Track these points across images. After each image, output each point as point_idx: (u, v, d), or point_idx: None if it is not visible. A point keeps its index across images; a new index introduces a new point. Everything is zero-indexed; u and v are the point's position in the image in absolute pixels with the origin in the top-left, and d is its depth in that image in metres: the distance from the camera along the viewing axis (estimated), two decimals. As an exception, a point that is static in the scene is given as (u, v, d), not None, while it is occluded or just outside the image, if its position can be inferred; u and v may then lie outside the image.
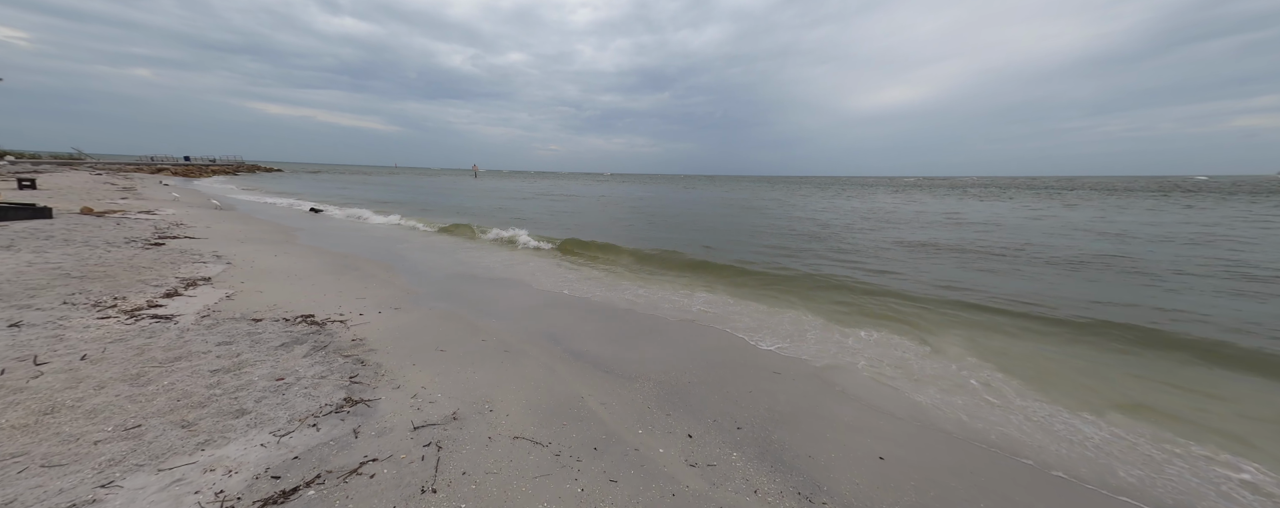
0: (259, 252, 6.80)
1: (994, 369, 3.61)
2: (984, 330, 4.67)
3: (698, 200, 27.45)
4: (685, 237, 11.50)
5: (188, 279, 4.77)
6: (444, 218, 14.55)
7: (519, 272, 6.95)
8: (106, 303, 3.78)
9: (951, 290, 6.28)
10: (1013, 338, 4.48)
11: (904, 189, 51.83)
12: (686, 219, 16.07)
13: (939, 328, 4.69)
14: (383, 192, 28.49)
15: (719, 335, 4.25)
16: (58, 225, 7.26)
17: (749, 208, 21.65)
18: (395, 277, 6.16)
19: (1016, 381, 3.41)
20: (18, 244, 5.68)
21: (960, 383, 3.34)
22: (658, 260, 8.30)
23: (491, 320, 4.39)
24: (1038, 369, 3.67)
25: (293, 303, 4.35)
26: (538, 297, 5.54)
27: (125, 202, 12.47)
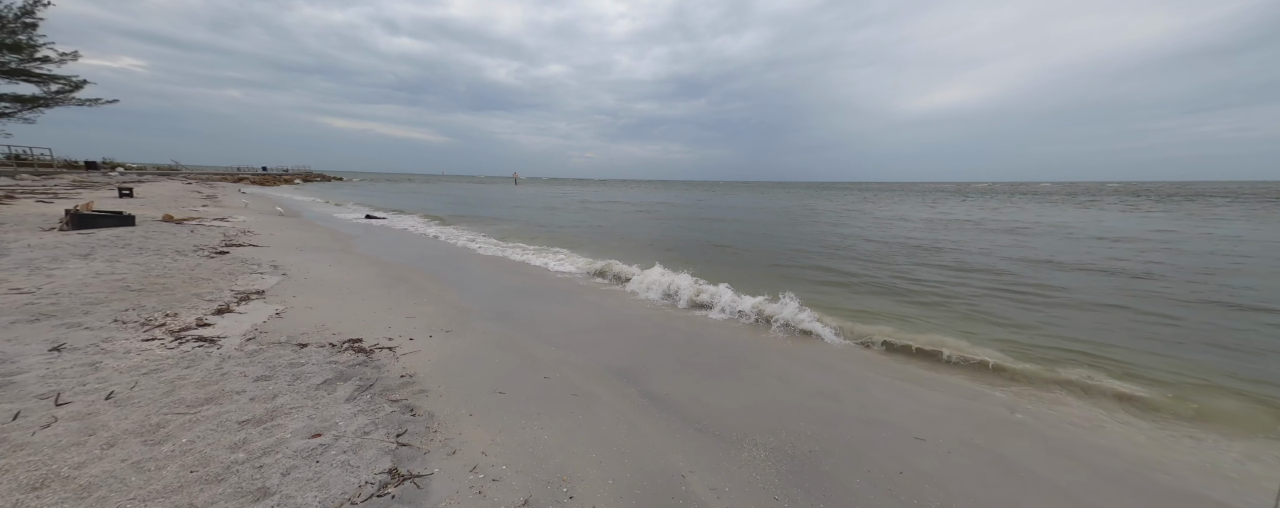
0: (315, 261, 6.65)
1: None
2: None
3: (744, 207, 26.28)
4: (751, 247, 10.57)
5: (241, 293, 4.53)
6: (491, 226, 14.45)
7: (572, 286, 6.40)
8: (155, 322, 3.51)
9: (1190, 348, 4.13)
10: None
11: (974, 195, 47.48)
12: (742, 228, 15.14)
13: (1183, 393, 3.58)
14: (432, 198, 29.34)
15: (828, 374, 3.44)
16: (137, 233, 7.48)
17: (807, 216, 20.35)
18: (446, 291, 5.76)
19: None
20: (96, 253, 5.74)
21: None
22: (729, 275, 7.47)
23: (550, 347, 3.80)
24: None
25: (342, 323, 3.96)
26: (595, 315, 4.93)
27: (204, 209, 13.18)
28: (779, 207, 27.19)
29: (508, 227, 14.48)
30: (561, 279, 6.86)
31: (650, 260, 8.73)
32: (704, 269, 8.01)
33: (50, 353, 2.80)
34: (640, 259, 8.67)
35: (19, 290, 3.93)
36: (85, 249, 5.84)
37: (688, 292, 5.75)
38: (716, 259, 9.08)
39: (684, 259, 9.00)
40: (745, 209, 24.91)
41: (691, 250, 10.19)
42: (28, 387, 2.37)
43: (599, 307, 5.32)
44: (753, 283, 6.55)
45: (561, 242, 10.98)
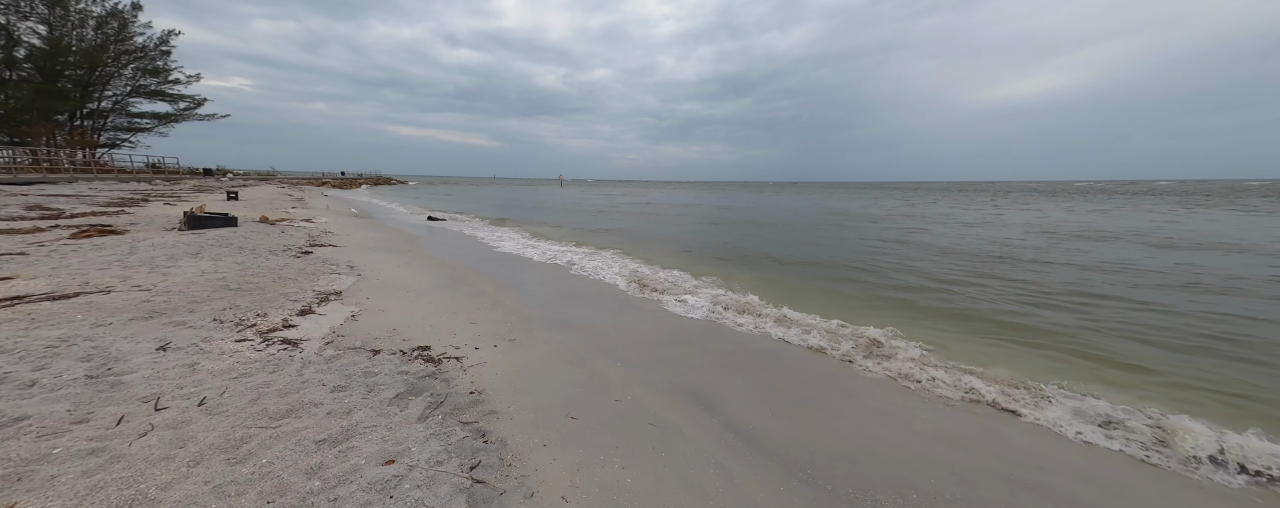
0: (385, 262, 6.91)
1: None
2: None
3: (798, 209, 24.94)
4: (817, 258, 9.63)
5: (322, 293, 4.70)
6: (544, 228, 14.67)
7: (628, 294, 6.13)
8: (247, 322, 3.66)
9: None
10: None
11: (1072, 196, 39.60)
12: (799, 233, 14.26)
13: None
14: (486, 200, 30.69)
15: (945, 414, 2.87)
16: (238, 233, 8.22)
17: (872, 219, 18.90)
18: (505, 294, 5.71)
19: None
20: (204, 252, 6.31)
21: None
22: (794, 286, 6.86)
23: (616, 363, 3.53)
24: None
25: (411, 328, 3.95)
26: (655, 327, 4.61)
27: (294, 210, 14.48)
28: (836, 209, 25.47)
29: (560, 229, 14.61)
30: (616, 286, 6.63)
31: (707, 266, 8.29)
32: (767, 279, 7.45)
33: (157, 352, 2.94)
34: (696, 266, 8.26)
35: (139, 287, 4.29)
36: (196, 248, 6.44)
37: (760, 318, 5.28)
38: (778, 270, 8.38)
39: (740, 264, 8.47)
40: (799, 211, 23.58)
41: (751, 258, 9.58)
42: (134, 388, 2.44)
43: (658, 317, 5.00)
44: (827, 303, 5.92)
45: (614, 245, 10.82)
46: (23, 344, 2.86)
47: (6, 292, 3.89)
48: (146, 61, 35.21)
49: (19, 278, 4.37)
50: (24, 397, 2.25)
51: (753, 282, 6.96)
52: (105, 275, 4.63)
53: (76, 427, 2.02)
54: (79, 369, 2.59)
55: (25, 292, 3.85)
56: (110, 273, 4.76)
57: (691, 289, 6.27)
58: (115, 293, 4.05)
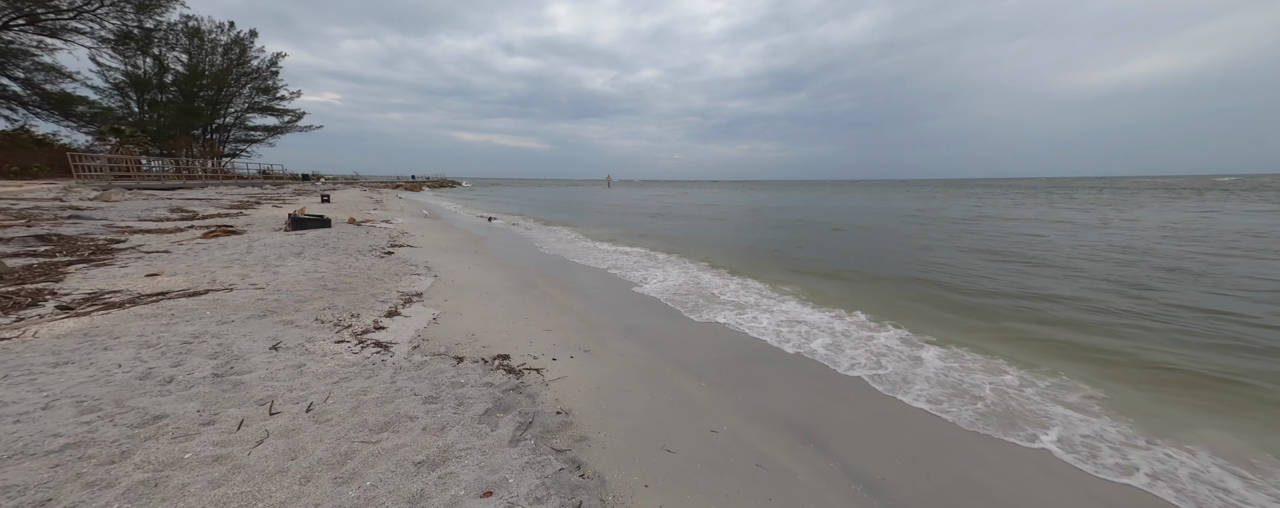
0: (458, 264, 7.16)
1: None
2: None
3: (868, 210, 23.15)
4: (907, 264, 8.69)
5: (405, 295, 4.88)
6: (598, 229, 14.74)
7: (694, 301, 5.82)
8: (343, 323, 3.83)
9: None
10: None
11: (1207, 193, 32.48)
12: (876, 236, 13.14)
13: None
14: (539, 201, 31.74)
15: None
16: (332, 234, 8.96)
17: (962, 220, 17.07)
18: (572, 299, 5.64)
19: None
20: (305, 252, 6.89)
21: None
22: (897, 306, 5.85)
23: (699, 383, 3.24)
24: None
25: (488, 333, 3.94)
26: (735, 343, 4.25)
27: (375, 212, 15.74)
28: (909, 210, 23.24)
29: (616, 231, 14.59)
30: (682, 293, 6.34)
31: (776, 271, 7.72)
32: (857, 292, 6.72)
33: (270, 352, 3.10)
34: (765, 272, 7.74)
35: (255, 285, 4.69)
36: (298, 248, 7.05)
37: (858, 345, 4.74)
38: (869, 284, 7.33)
39: (822, 276, 7.77)
40: (867, 212, 21.81)
41: (827, 266, 8.83)
42: (251, 389, 2.55)
43: (735, 331, 4.63)
44: (944, 328, 5.15)
45: (672, 247, 10.53)
46: (164, 340, 3.14)
47: (154, 287, 4.39)
48: (260, 81, 40.47)
49: (163, 274, 4.95)
50: (164, 394, 2.41)
51: (842, 297, 6.25)
52: (228, 273, 5.13)
53: (204, 430, 2.10)
54: (207, 367, 2.78)
55: (168, 288, 4.32)
56: (232, 271, 5.27)
57: (765, 299, 5.84)
58: (236, 291, 4.44)
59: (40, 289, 4.04)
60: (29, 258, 5.48)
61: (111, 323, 3.35)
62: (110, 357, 2.79)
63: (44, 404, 2.20)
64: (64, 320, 3.32)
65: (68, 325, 3.23)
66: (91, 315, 3.47)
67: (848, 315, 5.20)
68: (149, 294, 4.08)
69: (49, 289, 4.07)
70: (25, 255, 5.53)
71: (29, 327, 3.14)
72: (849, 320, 5.02)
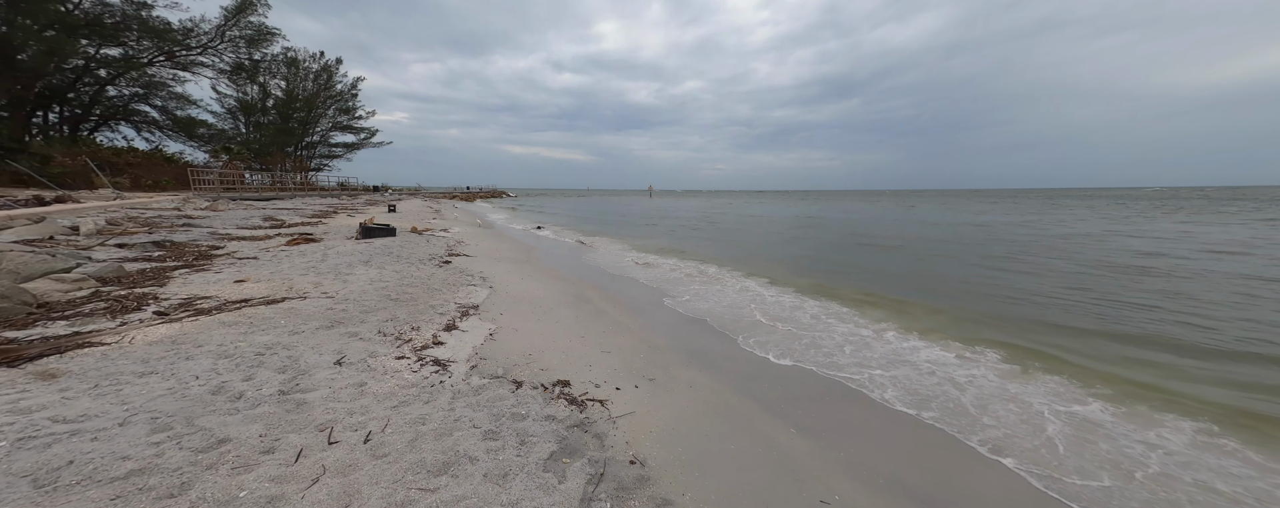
0: (511, 275, 7.12)
1: None
2: None
3: (945, 224, 21.11)
4: (1026, 292, 6.99)
5: (462, 307, 4.80)
6: (646, 240, 14.47)
7: (759, 323, 5.27)
8: (404, 337, 3.74)
9: None
10: None
11: None
12: (965, 251, 11.83)
13: None
14: (584, 211, 32.22)
15: None
16: (396, 242, 9.36)
17: (1078, 237, 15.09)
18: (627, 316, 5.32)
19: None
20: (372, 260, 7.15)
21: None
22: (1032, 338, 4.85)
23: (788, 429, 2.73)
24: None
25: (545, 353, 3.69)
26: (814, 381, 3.68)
27: (434, 221, 16.56)
28: (993, 223, 20.70)
29: (664, 242, 14.26)
30: (744, 313, 5.82)
31: (848, 289, 6.90)
32: (954, 314, 5.78)
33: (334, 367, 3.03)
34: (835, 288, 6.97)
35: (326, 294, 4.81)
36: (366, 256, 7.35)
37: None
38: (978, 312, 5.86)
39: (903, 295, 6.88)
40: (938, 225, 19.80)
41: (911, 285, 7.89)
42: (313, 411, 2.43)
43: (815, 363, 4.06)
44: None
45: (726, 261, 9.98)
46: (240, 350, 3.17)
47: (239, 294, 4.60)
48: (342, 103, 44.97)
49: (248, 281, 5.23)
50: (231, 412, 2.34)
51: (949, 329, 5.28)
52: (304, 281, 5.35)
53: (263, 460, 1.95)
54: (275, 382, 2.72)
55: (250, 295, 4.51)
56: (307, 279, 5.49)
57: (839, 322, 5.18)
58: (309, 299, 4.56)
59: (146, 294, 4.35)
60: (144, 262, 6.06)
61: (198, 330, 3.46)
62: (190, 367, 2.81)
63: (122, 420, 2.17)
64: (159, 326, 3.47)
65: (161, 331, 3.37)
66: (182, 322, 3.62)
67: (970, 353, 4.32)
68: (233, 301, 4.26)
69: (153, 294, 4.37)
70: (141, 260, 6.13)
71: (129, 332, 3.30)
72: (977, 362, 4.10)
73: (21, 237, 6.85)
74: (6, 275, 4.62)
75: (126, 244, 7.12)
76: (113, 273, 5.18)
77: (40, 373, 2.57)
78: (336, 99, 44.33)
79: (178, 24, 26.82)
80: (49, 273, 4.75)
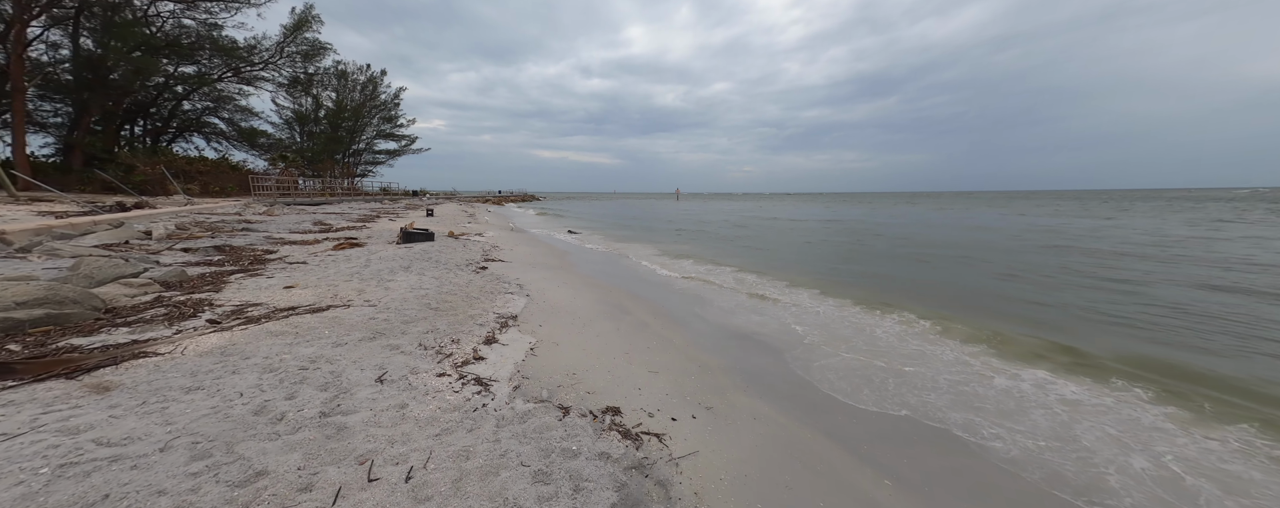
0: (547, 282, 6.97)
1: None
2: None
3: (991, 227, 19.57)
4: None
5: (501, 317, 4.63)
6: (679, 244, 14.10)
7: (814, 338, 4.80)
8: (445, 350, 3.58)
9: None
10: None
11: None
12: (1037, 261, 10.82)
13: None
14: (613, 214, 32.19)
15: None
16: (435, 247, 9.47)
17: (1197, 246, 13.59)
18: (671, 329, 4.99)
19: None
20: (413, 265, 7.19)
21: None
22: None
23: (887, 485, 2.31)
24: None
25: (589, 372, 3.42)
26: (905, 423, 3.22)
27: (469, 226, 16.88)
28: (1063, 228, 18.77)
29: (696, 247, 13.85)
30: (794, 326, 5.36)
31: (912, 304, 6.08)
32: (1061, 335, 5.08)
33: (376, 385, 2.88)
34: (904, 306, 6.26)
35: (369, 302, 4.77)
36: (406, 262, 7.41)
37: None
38: (1096, 336, 5.02)
39: (981, 312, 6.15)
40: (997, 230, 18.26)
41: (998, 308, 7.06)
42: (353, 439, 2.25)
43: (901, 397, 3.58)
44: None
45: (766, 269, 9.47)
46: (285, 363, 3.09)
47: (288, 301, 4.63)
48: (385, 111, 47.29)
49: (297, 287, 5.29)
50: (272, 438, 2.19)
51: (1057, 355, 4.62)
52: (348, 288, 5.36)
53: (301, 501, 1.76)
54: (317, 402, 2.58)
55: (297, 303, 4.52)
56: (351, 285, 5.52)
57: (905, 339, 4.64)
58: (352, 308, 4.52)
59: (202, 300, 4.43)
60: (205, 266, 6.31)
61: (246, 340, 3.43)
62: (235, 383, 2.73)
63: (164, 444, 2.06)
64: (210, 335, 3.47)
65: (212, 341, 3.35)
66: (232, 331, 3.61)
67: (1102, 389, 3.62)
68: (282, 309, 4.26)
69: (208, 300, 4.45)
70: (202, 264, 6.39)
71: (182, 341, 3.29)
72: (1117, 404, 3.36)
73: (102, 241, 7.34)
74: (82, 280, 4.85)
75: (191, 249, 7.50)
76: (175, 277, 5.38)
77: (95, 386, 2.54)
78: (380, 108, 46.66)
79: (243, 42, 28.97)
80: (119, 278, 4.97)
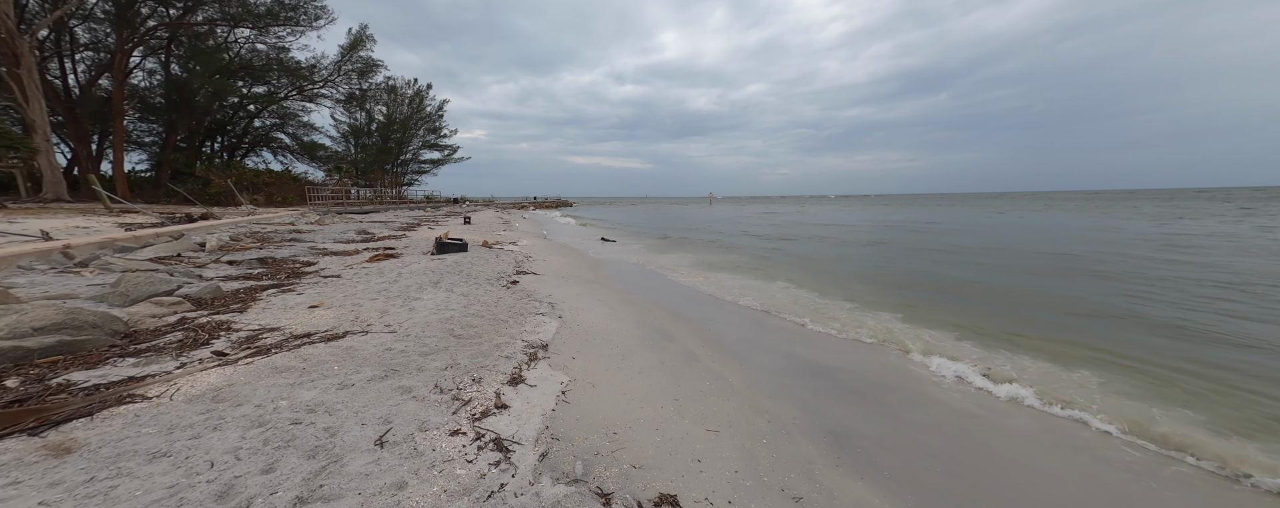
0: (579, 297, 6.37)
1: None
2: None
3: (1094, 235, 17.02)
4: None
5: (530, 346, 4.04)
6: (720, 254, 13.21)
7: (919, 371, 3.84)
8: (463, 394, 3.01)
9: None
10: None
11: None
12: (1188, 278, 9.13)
13: None
14: (646, 219, 31.59)
15: None
16: (468, 258, 9.18)
17: None
18: (726, 365, 4.21)
19: None
20: (443, 280, 6.84)
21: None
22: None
23: None
24: None
25: (632, 430, 2.72)
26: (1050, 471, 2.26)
27: (504, 234, 16.80)
28: (1206, 235, 16.08)
29: (739, 256, 12.90)
30: (883, 358, 4.41)
31: (1046, 343, 4.71)
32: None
33: (374, 449, 2.32)
34: (1028, 344, 5.00)
35: (389, 327, 4.34)
36: (437, 276, 7.08)
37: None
38: None
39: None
40: (1108, 235, 15.98)
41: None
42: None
43: (1084, 471, 2.63)
44: None
45: (824, 283, 8.42)
46: (279, 413, 2.61)
47: (307, 324, 4.28)
48: (430, 123, 49.49)
49: (321, 306, 4.98)
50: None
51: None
52: (372, 308, 5.00)
53: None
54: (298, 478, 2.04)
55: (314, 328, 4.15)
56: (376, 304, 5.16)
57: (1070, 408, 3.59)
58: (371, 334, 4.09)
59: (222, 323, 4.16)
60: (243, 280, 6.23)
61: (247, 379, 3.01)
62: (212, 445, 2.26)
63: (84, 556, 1.56)
64: (212, 371, 3.09)
65: (210, 379, 2.96)
66: (238, 364, 3.22)
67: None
68: (296, 336, 3.89)
69: (228, 323, 4.16)
70: (240, 279, 6.31)
71: (179, 378, 2.92)
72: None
73: (158, 254, 7.54)
74: (118, 298, 4.75)
75: (236, 261, 7.56)
76: (209, 293, 5.24)
77: (56, 446, 2.14)
78: (426, 120, 48.90)
79: (305, 62, 31.10)
80: (152, 296, 4.85)
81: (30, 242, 7.14)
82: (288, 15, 26.45)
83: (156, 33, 24.89)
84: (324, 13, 27.25)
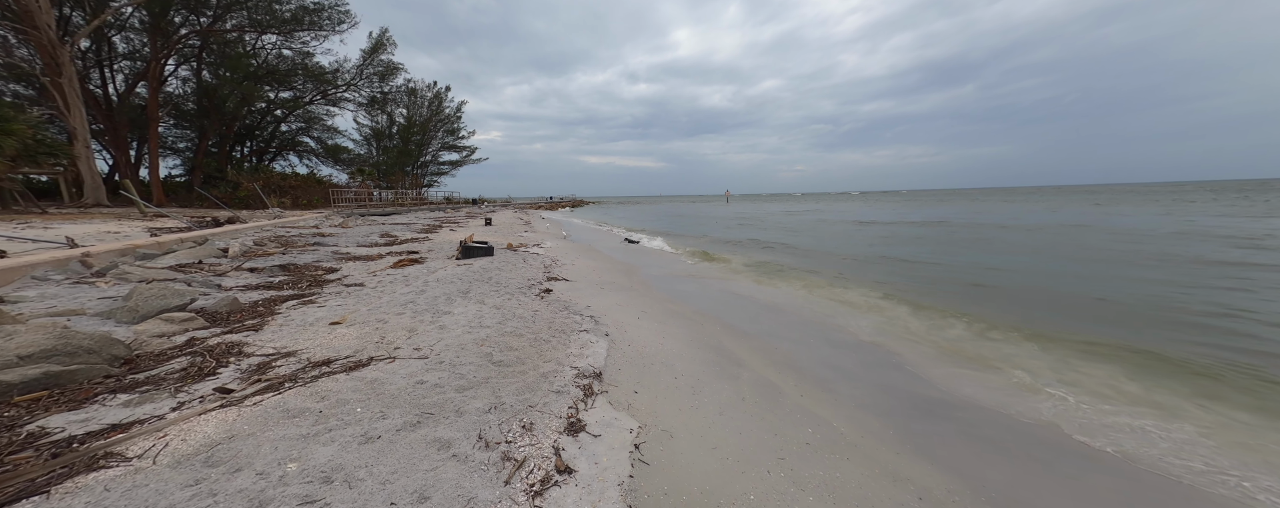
0: (622, 311, 5.70)
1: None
2: None
3: (1170, 235, 15.25)
4: None
5: (581, 376, 3.39)
6: (759, 254, 12.36)
7: (1101, 451, 3.00)
8: (514, 451, 2.37)
9: None
10: None
11: None
12: None
13: None
14: (665, 218, 30.80)
15: None
16: (495, 263, 8.64)
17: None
18: (815, 397, 3.46)
19: None
20: (473, 290, 6.27)
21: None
22: None
23: None
24: None
25: (737, 504, 2.04)
26: None
27: (527, 235, 16.33)
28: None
29: (778, 257, 12.05)
30: (1017, 396, 3.60)
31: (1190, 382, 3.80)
32: None
33: (409, 551, 1.70)
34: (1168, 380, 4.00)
35: (418, 351, 3.75)
36: (465, 284, 6.52)
37: None
38: None
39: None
40: (1191, 231, 14.38)
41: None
42: None
43: None
44: None
45: (890, 291, 7.54)
46: (286, 483, 2.01)
47: (327, 348, 3.73)
48: (449, 124, 49.81)
49: (344, 322, 4.45)
50: None
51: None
52: (398, 326, 4.44)
53: None
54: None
55: (336, 353, 3.59)
56: (403, 321, 4.60)
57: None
58: (398, 360, 3.50)
59: (234, 345, 3.64)
60: (263, 290, 5.80)
61: (250, 428, 2.44)
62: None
63: None
64: (211, 414, 2.53)
65: (206, 430, 2.39)
66: (242, 404, 2.66)
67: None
68: (315, 363, 3.33)
69: (241, 346, 3.65)
70: (261, 288, 5.88)
71: (169, 428, 2.36)
72: None
73: (178, 260, 7.22)
74: (128, 313, 4.32)
75: (257, 268, 7.19)
76: (225, 307, 4.78)
77: (-10, 546, 1.58)
78: (445, 122, 49.24)
79: (329, 66, 31.45)
80: (163, 311, 4.40)
81: (50, 249, 6.91)
82: (311, 20, 26.69)
83: (188, 40, 25.43)
84: (346, 16, 27.43)
